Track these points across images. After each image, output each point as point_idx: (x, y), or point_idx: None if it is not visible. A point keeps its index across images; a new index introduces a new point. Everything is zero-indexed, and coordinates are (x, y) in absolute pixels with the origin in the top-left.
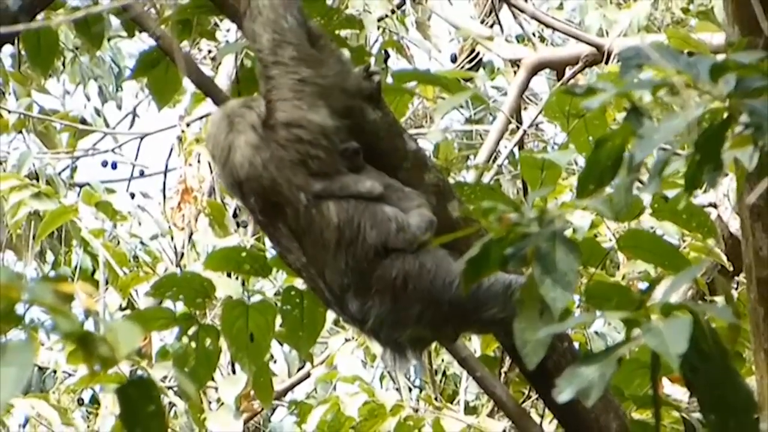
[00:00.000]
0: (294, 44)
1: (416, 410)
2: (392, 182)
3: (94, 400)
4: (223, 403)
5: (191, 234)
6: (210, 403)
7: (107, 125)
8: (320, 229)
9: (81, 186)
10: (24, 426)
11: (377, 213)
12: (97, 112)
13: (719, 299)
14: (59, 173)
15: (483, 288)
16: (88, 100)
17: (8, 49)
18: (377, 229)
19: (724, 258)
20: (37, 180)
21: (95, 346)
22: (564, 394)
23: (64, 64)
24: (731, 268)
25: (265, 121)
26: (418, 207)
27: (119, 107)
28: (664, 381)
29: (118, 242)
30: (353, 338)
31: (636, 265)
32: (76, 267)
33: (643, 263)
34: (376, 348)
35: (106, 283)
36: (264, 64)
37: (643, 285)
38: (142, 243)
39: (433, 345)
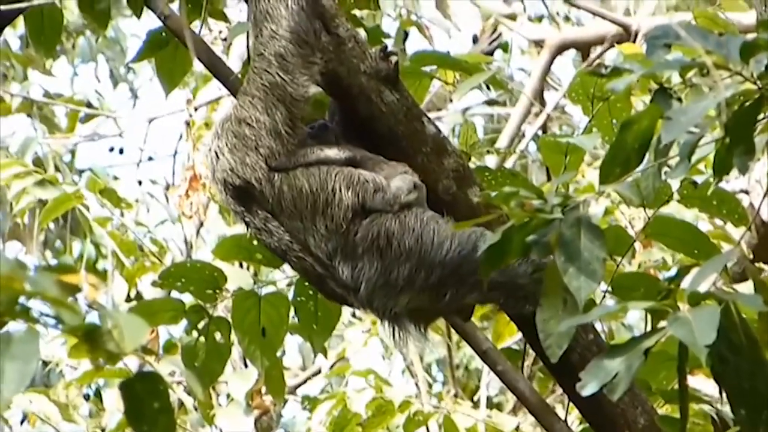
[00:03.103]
0: (287, 39)
1: (437, 407)
2: (372, 155)
3: (99, 395)
4: (233, 399)
5: (201, 222)
6: (218, 395)
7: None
8: (292, 199)
9: (82, 172)
10: (23, 422)
11: (352, 175)
12: (100, 95)
13: (746, 286)
14: (61, 158)
15: (479, 252)
16: (98, 81)
17: (17, 30)
18: (353, 189)
19: (744, 246)
20: (41, 166)
21: (101, 341)
22: (588, 388)
23: (74, 46)
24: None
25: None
26: (402, 173)
27: (131, 90)
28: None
29: (126, 230)
30: (369, 330)
31: (652, 253)
32: (80, 256)
33: (660, 251)
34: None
35: (113, 272)
36: (255, 51)
37: (662, 274)
38: (149, 232)
39: (455, 338)
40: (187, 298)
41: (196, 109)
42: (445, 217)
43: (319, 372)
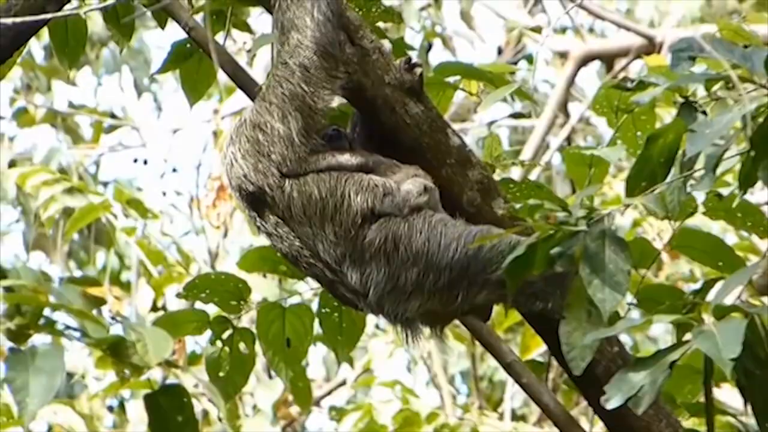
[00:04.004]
0: (312, 50)
1: (461, 418)
2: (385, 160)
3: (123, 407)
4: (259, 410)
5: (225, 233)
6: (243, 406)
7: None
8: (301, 206)
9: (106, 183)
10: None
11: (362, 181)
12: (124, 106)
13: None
14: (85, 169)
15: (485, 248)
16: (123, 92)
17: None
18: (362, 194)
19: None
20: (66, 176)
21: (125, 354)
22: (613, 402)
23: (98, 57)
24: None
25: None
26: (413, 177)
27: (156, 100)
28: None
29: (149, 241)
30: (393, 342)
31: (679, 265)
32: (104, 267)
33: (687, 263)
34: (419, 350)
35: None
36: (278, 59)
37: (688, 286)
38: (174, 243)
39: (479, 350)
40: (212, 309)
41: (223, 119)
42: (457, 218)
43: (344, 383)
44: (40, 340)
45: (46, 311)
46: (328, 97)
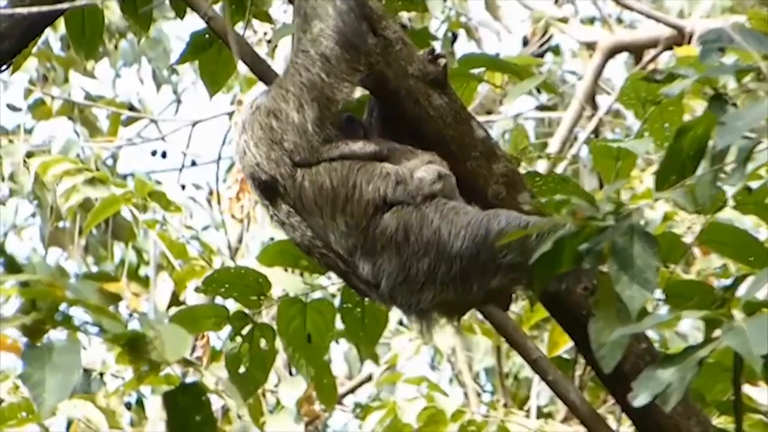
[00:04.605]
0: (334, 40)
1: (487, 416)
2: (400, 146)
3: (141, 404)
4: (282, 407)
5: (246, 227)
6: (266, 403)
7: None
8: (313, 196)
9: (125, 176)
10: (67, 429)
11: (375, 169)
12: (142, 98)
13: None
14: (103, 162)
15: (493, 233)
16: (142, 83)
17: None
18: (373, 183)
19: None
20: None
21: (143, 350)
22: (640, 399)
23: (116, 47)
24: None
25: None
26: (428, 163)
27: (175, 92)
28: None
29: (170, 234)
30: (418, 338)
31: (711, 260)
32: (122, 262)
33: (719, 258)
34: (443, 347)
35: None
36: (299, 47)
37: (720, 282)
38: (196, 237)
39: (504, 346)
40: (231, 305)
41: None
42: (472, 206)
43: (369, 379)
44: (55, 336)
45: (62, 307)
46: (347, 89)
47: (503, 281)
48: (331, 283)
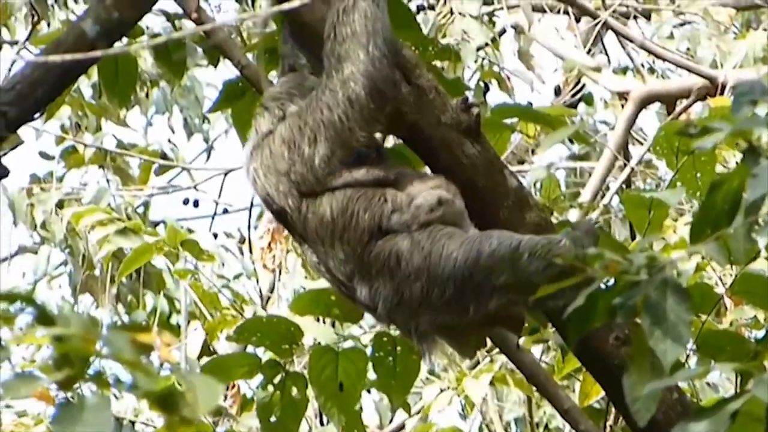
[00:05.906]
0: (362, 85)
1: None
2: (409, 171)
3: None
4: None
5: (278, 276)
6: None
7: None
8: (315, 227)
9: (156, 224)
10: None
11: (374, 196)
12: (174, 146)
13: None
14: (134, 210)
15: (485, 255)
16: (173, 132)
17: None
18: (370, 211)
19: None
20: None
21: (176, 406)
22: None
23: (147, 95)
24: None
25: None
26: (432, 188)
27: (206, 140)
28: None
29: (202, 283)
30: (449, 388)
31: (743, 311)
32: (153, 311)
33: (751, 309)
34: (474, 397)
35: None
36: (326, 85)
37: (751, 332)
38: (227, 286)
39: (535, 395)
40: (263, 353)
41: None
42: (470, 227)
43: (401, 428)
44: (87, 387)
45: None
46: (363, 138)
47: (501, 303)
48: (363, 333)
